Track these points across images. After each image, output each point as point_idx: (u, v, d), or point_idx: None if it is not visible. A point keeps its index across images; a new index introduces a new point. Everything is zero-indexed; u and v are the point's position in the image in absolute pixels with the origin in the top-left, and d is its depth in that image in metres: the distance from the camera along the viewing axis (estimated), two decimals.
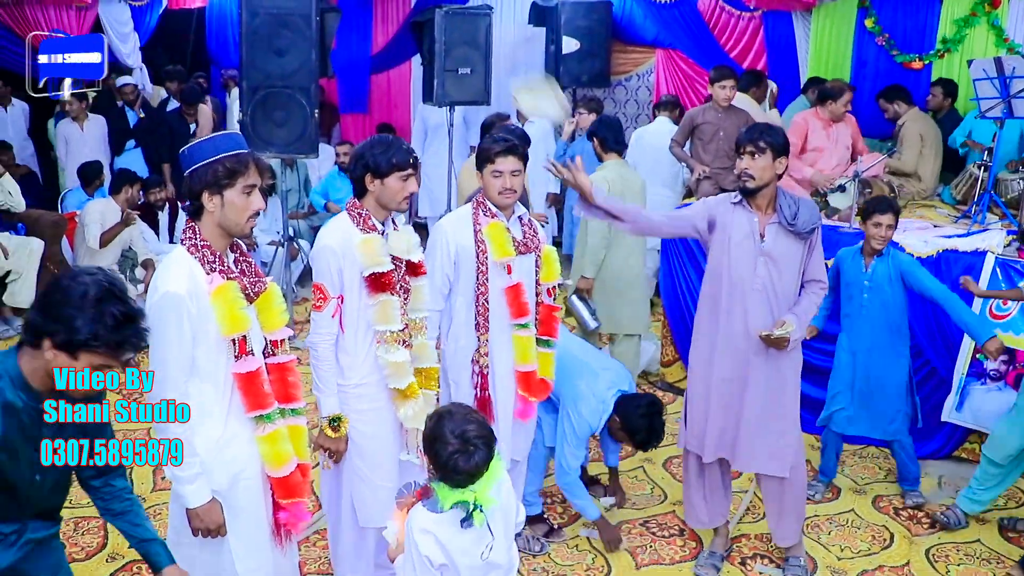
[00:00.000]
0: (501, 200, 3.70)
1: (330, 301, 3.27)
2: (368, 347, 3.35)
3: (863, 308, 4.62)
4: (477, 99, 7.15)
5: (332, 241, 3.29)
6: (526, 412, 3.95)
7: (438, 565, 2.55)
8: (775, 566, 4.22)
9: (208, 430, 2.71)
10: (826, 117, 6.15)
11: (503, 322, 3.79)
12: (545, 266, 3.92)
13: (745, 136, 3.77)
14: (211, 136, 2.74)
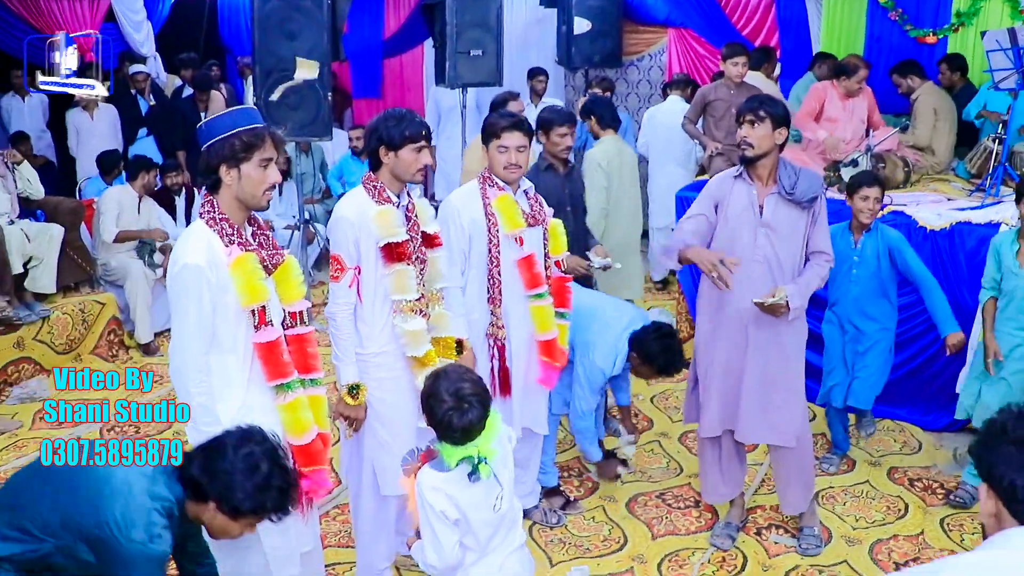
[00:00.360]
0: (506, 175, 3.76)
1: (347, 272, 3.34)
2: (386, 317, 3.41)
3: (852, 283, 4.64)
4: (489, 80, 7.18)
5: (348, 212, 3.35)
6: (550, 379, 4.02)
7: (453, 520, 2.62)
8: (790, 536, 4.26)
9: (229, 400, 2.77)
10: (842, 91, 6.15)
11: (516, 294, 3.85)
12: (552, 239, 3.97)
13: (745, 105, 3.79)
14: (228, 111, 2.79)
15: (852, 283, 4.64)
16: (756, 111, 3.73)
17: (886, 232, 4.64)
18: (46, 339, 6.06)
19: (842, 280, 4.66)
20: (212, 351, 2.74)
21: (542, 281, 3.87)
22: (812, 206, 3.83)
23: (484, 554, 2.74)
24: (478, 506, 2.65)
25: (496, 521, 2.73)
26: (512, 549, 2.81)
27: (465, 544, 2.69)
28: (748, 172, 3.84)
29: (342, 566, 4.00)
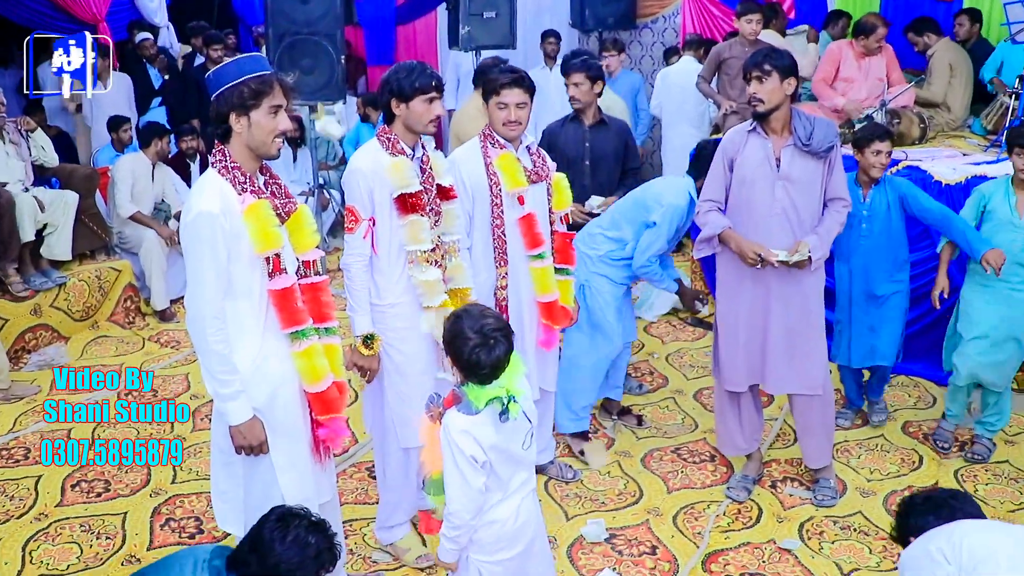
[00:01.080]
0: (506, 132, 3.74)
1: (362, 223, 3.36)
2: (402, 268, 3.42)
3: (862, 238, 4.55)
4: (503, 43, 7.14)
5: (362, 164, 3.37)
6: (550, 341, 4.00)
7: (482, 463, 2.62)
8: (804, 488, 4.27)
9: (245, 347, 2.78)
10: (860, 50, 6.08)
11: (521, 253, 3.84)
12: (556, 194, 3.95)
13: (750, 61, 3.78)
14: (235, 58, 2.78)
15: (863, 237, 4.55)
16: (761, 66, 3.72)
17: (893, 182, 4.57)
18: (63, 306, 6.11)
19: (852, 236, 4.55)
20: (227, 299, 2.74)
21: (542, 241, 3.84)
22: (828, 155, 3.81)
23: (506, 495, 2.74)
24: (506, 446, 2.66)
25: (519, 459, 2.74)
26: (528, 490, 2.82)
27: (487, 486, 2.69)
28: (761, 126, 3.82)
29: (359, 522, 4.03)
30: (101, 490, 4.32)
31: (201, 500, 4.21)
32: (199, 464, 4.54)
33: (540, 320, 3.95)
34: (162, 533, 3.99)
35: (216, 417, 2.94)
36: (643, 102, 7.61)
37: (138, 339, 6.25)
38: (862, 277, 4.62)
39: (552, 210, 3.95)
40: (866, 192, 4.53)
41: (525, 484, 2.79)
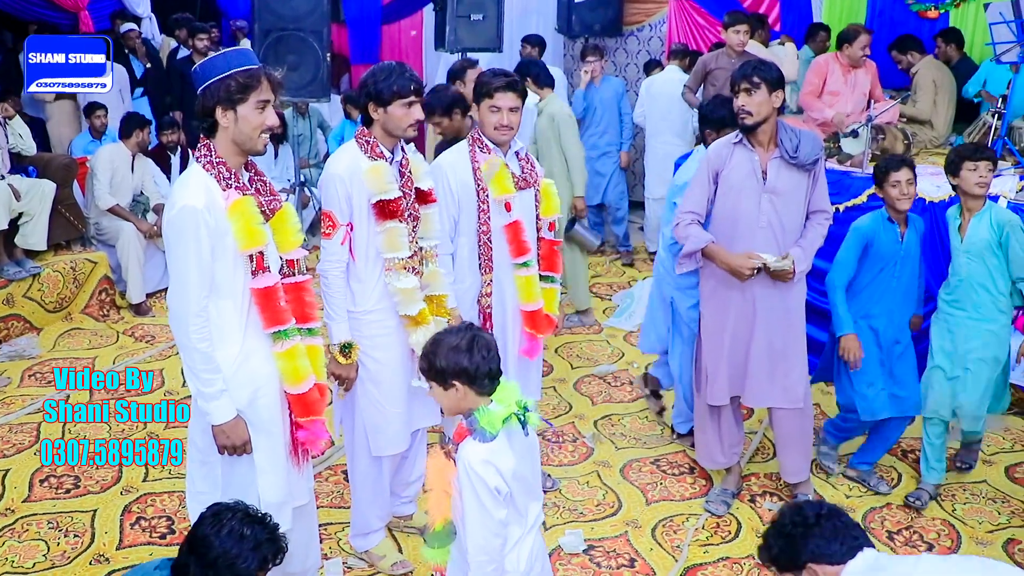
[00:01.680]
0: (497, 136, 3.67)
1: (339, 228, 3.28)
2: (378, 274, 3.36)
3: (897, 281, 4.15)
4: (489, 46, 7.09)
5: (340, 168, 3.29)
6: (533, 350, 3.94)
7: (504, 494, 2.44)
8: (784, 503, 4.25)
9: (227, 346, 2.72)
10: (845, 62, 6.09)
11: (506, 261, 3.78)
12: (544, 200, 3.89)
13: (739, 73, 3.75)
14: (223, 52, 2.72)
15: (896, 279, 4.14)
16: (750, 78, 3.70)
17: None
18: (36, 297, 6.01)
19: (886, 279, 4.13)
20: (210, 297, 2.69)
21: (528, 249, 3.79)
22: (814, 168, 3.81)
23: (526, 528, 2.58)
24: (523, 472, 2.52)
25: (533, 487, 2.61)
26: (539, 524, 2.67)
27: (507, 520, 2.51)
28: (748, 138, 3.81)
29: (335, 526, 3.98)
30: (70, 486, 4.24)
31: (173, 499, 4.14)
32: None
33: (524, 329, 3.90)
34: (132, 532, 3.92)
35: (195, 416, 2.88)
36: (626, 107, 7.59)
37: (112, 332, 6.16)
38: (894, 323, 4.20)
39: (539, 216, 3.90)
40: (903, 230, 4.13)
41: (538, 517, 2.65)
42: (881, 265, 4.11)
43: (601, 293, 7.08)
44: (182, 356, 2.75)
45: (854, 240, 4.13)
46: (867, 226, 4.13)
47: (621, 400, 5.32)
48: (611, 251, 8.01)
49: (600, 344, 6.13)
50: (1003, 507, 4.30)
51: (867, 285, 4.15)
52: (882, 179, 4.10)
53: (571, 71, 9.29)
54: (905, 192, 4.04)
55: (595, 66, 7.45)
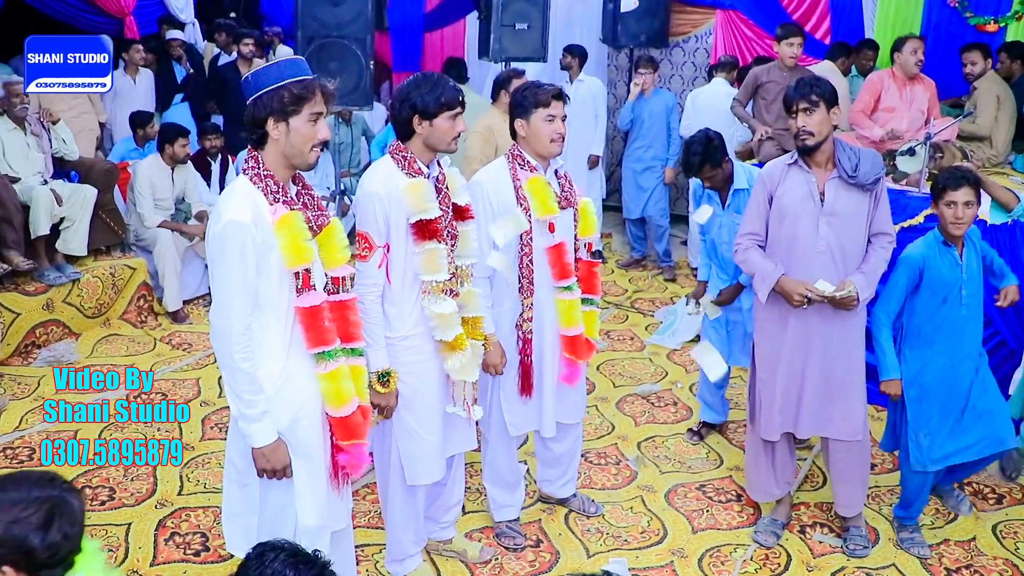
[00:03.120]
0: (552, 148, 3.53)
1: (376, 250, 3.13)
2: (415, 298, 3.23)
3: (963, 308, 3.78)
4: (533, 55, 7.01)
5: (377, 186, 3.14)
6: (573, 376, 3.80)
7: None
8: (835, 535, 4.10)
9: (269, 366, 2.63)
10: (901, 76, 5.91)
11: (547, 283, 3.64)
12: (583, 220, 3.75)
13: (796, 93, 3.58)
14: (276, 62, 2.64)
15: (963, 305, 3.77)
16: (809, 97, 3.55)
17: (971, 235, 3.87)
18: (75, 302, 5.98)
19: (949, 309, 3.77)
20: (253, 314, 2.59)
21: (571, 272, 3.65)
22: (875, 188, 3.65)
23: None
24: None
25: None
26: None
27: None
28: (804, 159, 3.66)
29: (372, 547, 3.87)
30: (105, 498, 4.18)
31: (208, 515, 4.06)
32: (207, 476, 4.39)
33: (563, 354, 3.76)
34: (166, 548, 3.83)
35: (234, 436, 2.78)
36: (675, 122, 7.47)
37: (150, 339, 6.11)
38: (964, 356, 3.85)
39: (578, 236, 3.76)
40: (961, 251, 3.78)
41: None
42: (943, 295, 3.75)
43: (643, 309, 6.94)
44: (224, 376, 2.65)
45: (904, 270, 3.79)
46: (919, 253, 3.78)
47: (665, 421, 5.18)
48: (652, 266, 7.87)
49: (643, 362, 5.99)
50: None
51: (928, 319, 3.80)
52: (938, 196, 3.75)
53: (615, 82, 9.18)
54: (960, 216, 3.67)
55: (647, 78, 7.33)
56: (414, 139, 3.20)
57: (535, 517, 4.17)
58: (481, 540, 3.96)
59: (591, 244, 3.83)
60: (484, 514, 4.11)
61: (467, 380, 3.37)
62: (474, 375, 3.38)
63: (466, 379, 3.36)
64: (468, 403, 3.44)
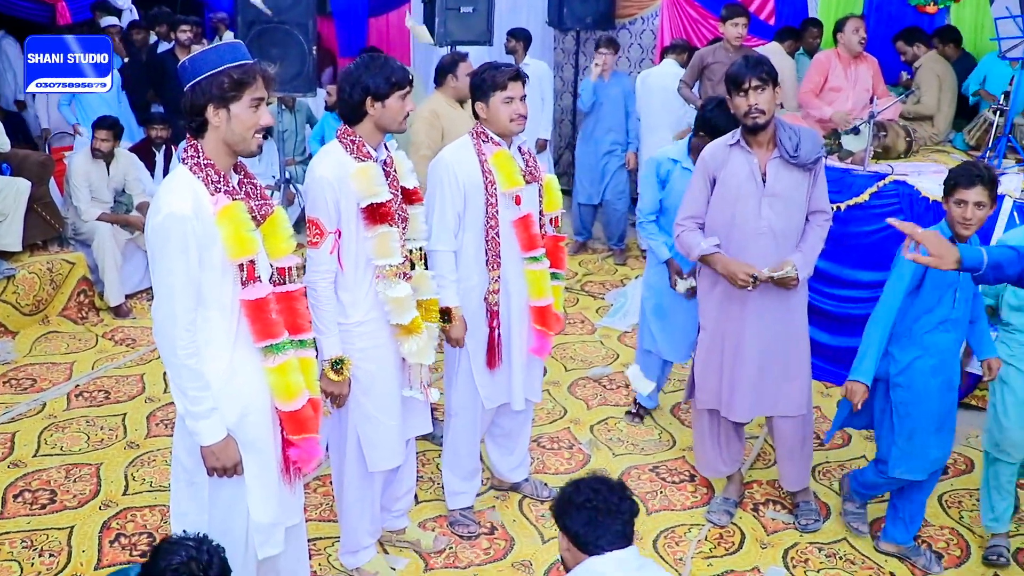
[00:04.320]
0: (514, 127, 3.55)
1: (327, 236, 3.09)
2: (368, 283, 3.20)
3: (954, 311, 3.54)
4: (479, 39, 6.93)
5: (326, 172, 3.10)
6: (543, 348, 3.82)
7: None
8: (787, 512, 4.13)
9: (214, 361, 2.55)
10: (846, 55, 5.96)
11: (514, 256, 3.64)
12: (547, 195, 3.77)
13: (750, 72, 3.54)
14: (213, 46, 2.55)
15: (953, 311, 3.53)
16: (760, 75, 3.53)
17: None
18: (11, 300, 5.79)
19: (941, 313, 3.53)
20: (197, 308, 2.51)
21: (539, 243, 3.67)
22: (815, 167, 3.67)
23: None
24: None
25: None
26: None
27: None
28: (746, 140, 3.65)
29: (324, 541, 3.82)
30: (46, 501, 4.06)
31: (155, 513, 3.97)
32: (153, 474, 4.29)
33: (534, 326, 3.77)
34: (111, 550, 3.73)
35: (181, 434, 2.69)
36: (632, 105, 7.39)
37: (91, 336, 5.95)
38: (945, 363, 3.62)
39: (543, 212, 3.76)
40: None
41: None
42: (939, 295, 3.50)
43: (594, 292, 6.94)
44: (168, 373, 2.56)
45: (910, 267, 3.44)
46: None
47: (617, 404, 5.18)
48: (602, 249, 7.87)
49: (594, 345, 5.99)
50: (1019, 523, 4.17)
51: (920, 320, 3.55)
52: (948, 192, 3.45)
53: (561, 65, 9.15)
54: (969, 217, 3.37)
55: (608, 58, 7.24)
56: (364, 122, 3.17)
57: (488, 504, 4.14)
58: (435, 529, 3.93)
59: (556, 219, 3.84)
60: (437, 503, 4.08)
61: (423, 363, 3.35)
62: (430, 358, 3.36)
63: (422, 362, 3.34)
64: (425, 386, 3.43)
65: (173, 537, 2.31)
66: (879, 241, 5.14)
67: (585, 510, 2.38)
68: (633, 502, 2.47)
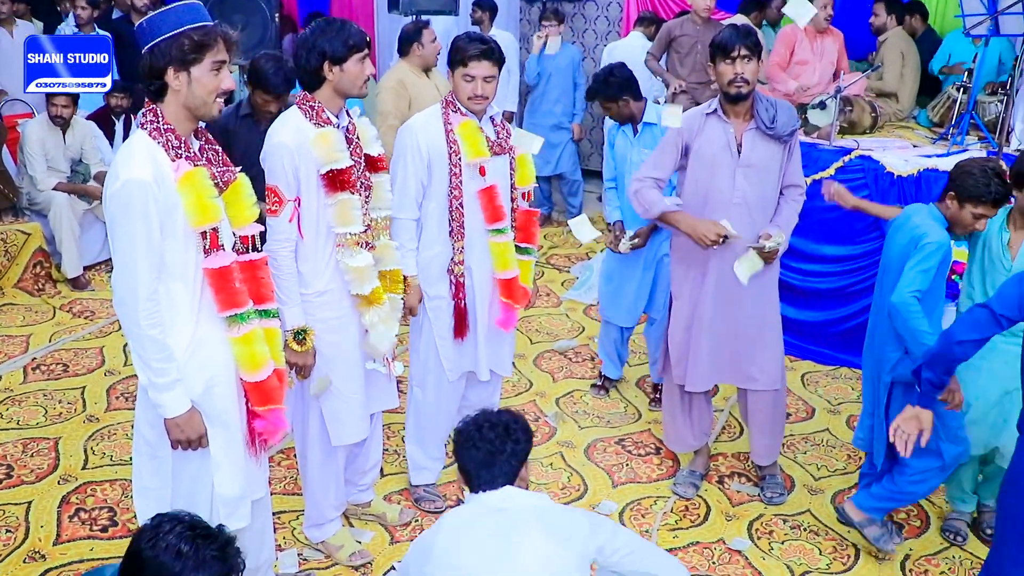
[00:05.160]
0: (471, 105, 3.49)
1: (286, 204, 3.02)
2: (329, 252, 3.14)
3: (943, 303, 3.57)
4: (444, 8, 6.83)
5: (285, 138, 3.03)
6: (508, 321, 3.78)
7: None
8: (752, 484, 4.16)
9: (178, 332, 2.49)
10: (812, 29, 5.95)
11: (479, 228, 3.60)
12: (520, 169, 3.72)
13: (738, 39, 3.52)
14: (171, 7, 2.46)
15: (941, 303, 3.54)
16: (749, 45, 3.51)
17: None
18: None
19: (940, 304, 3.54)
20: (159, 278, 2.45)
21: (503, 216, 3.62)
22: (790, 140, 3.67)
23: None
24: None
25: None
26: None
27: None
28: (724, 109, 3.64)
29: (288, 514, 3.78)
30: (2, 476, 3.97)
31: (115, 488, 3.91)
32: (113, 448, 4.22)
33: (500, 298, 3.73)
34: (71, 525, 3.67)
35: (143, 406, 2.62)
36: (580, 78, 7.41)
37: (48, 308, 5.83)
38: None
39: (515, 186, 3.71)
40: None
41: None
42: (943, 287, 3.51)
43: (559, 265, 6.92)
44: (131, 344, 2.49)
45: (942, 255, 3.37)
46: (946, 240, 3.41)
47: (583, 376, 5.18)
48: (564, 221, 7.84)
49: (559, 318, 5.98)
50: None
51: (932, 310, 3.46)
52: (964, 200, 3.38)
53: (527, 36, 9.04)
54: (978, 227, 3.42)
55: (551, 30, 7.25)
56: (323, 87, 3.10)
57: (454, 477, 4.10)
58: (400, 503, 3.91)
59: (529, 193, 3.79)
60: (402, 476, 4.05)
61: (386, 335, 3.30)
62: (392, 329, 3.31)
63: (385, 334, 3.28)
64: (388, 359, 3.39)
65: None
66: (844, 215, 5.15)
67: (472, 448, 2.43)
68: (519, 442, 2.46)
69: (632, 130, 4.52)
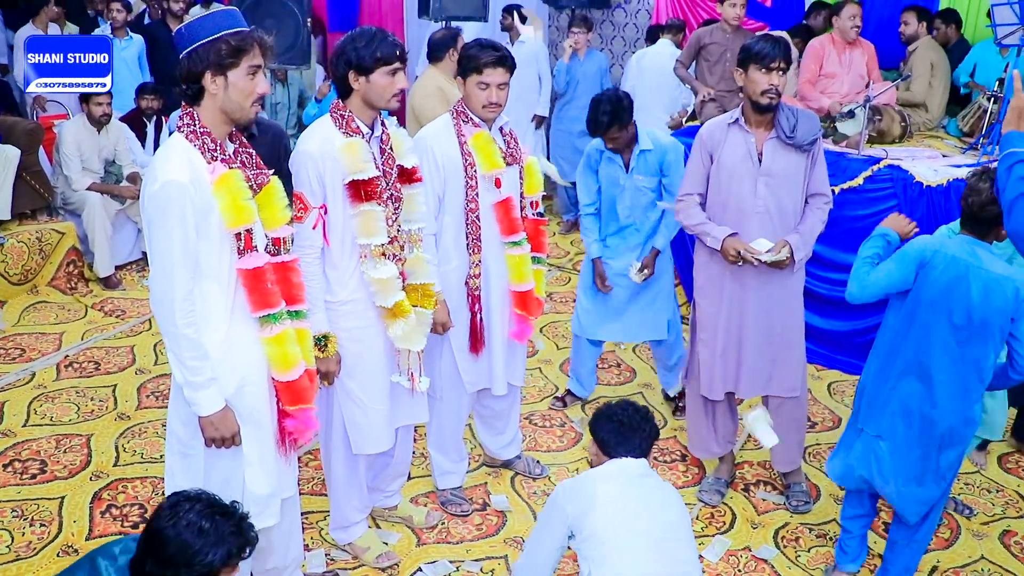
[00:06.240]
0: (484, 113, 3.48)
1: (311, 211, 3.03)
2: (356, 261, 3.13)
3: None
4: (474, 15, 6.89)
5: (310, 146, 3.04)
6: (523, 332, 3.77)
7: None
8: (778, 493, 4.15)
9: (211, 332, 2.53)
10: (840, 41, 5.94)
11: (495, 240, 3.60)
12: (528, 178, 3.71)
13: (777, 51, 3.53)
14: (209, 13, 2.51)
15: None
16: (787, 57, 3.55)
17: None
18: (0, 269, 5.75)
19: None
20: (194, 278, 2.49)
21: (519, 227, 3.61)
22: (812, 149, 3.67)
23: None
24: None
25: None
26: None
27: None
28: (746, 119, 3.65)
29: (316, 515, 3.82)
30: (36, 471, 4.04)
31: (146, 485, 3.96)
32: (144, 445, 4.27)
33: (514, 310, 3.73)
34: (103, 521, 3.72)
35: (175, 404, 2.67)
36: (608, 84, 7.43)
37: (80, 306, 5.92)
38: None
39: (523, 195, 3.70)
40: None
41: None
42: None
43: None
44: (167, 343, 2.54)
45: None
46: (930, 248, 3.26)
47: (609, 383, 5.19)
48: None
49: None
50: (997, 497, 4.24)
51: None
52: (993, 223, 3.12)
53: (556, 43, 9.10)
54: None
55: (580, 38, 7.28)
56: (352, 96, 3.09)
57: (480, 480, 4.15)
58: (427, 505, 3.93)
59: (536, 202, 3.78)
60: (429, 479, 4.07)
61: (412, 349, 3.29)
62: (419, 344, 3.28)
63: (410, 348, 3.27)
64: (413, 373, 3.35)
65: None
66: (872, 225, 5.04)
67: (612, 422, 2.89)
68: (654, 426, 2.96)
69: (623, 162, 4.43)
